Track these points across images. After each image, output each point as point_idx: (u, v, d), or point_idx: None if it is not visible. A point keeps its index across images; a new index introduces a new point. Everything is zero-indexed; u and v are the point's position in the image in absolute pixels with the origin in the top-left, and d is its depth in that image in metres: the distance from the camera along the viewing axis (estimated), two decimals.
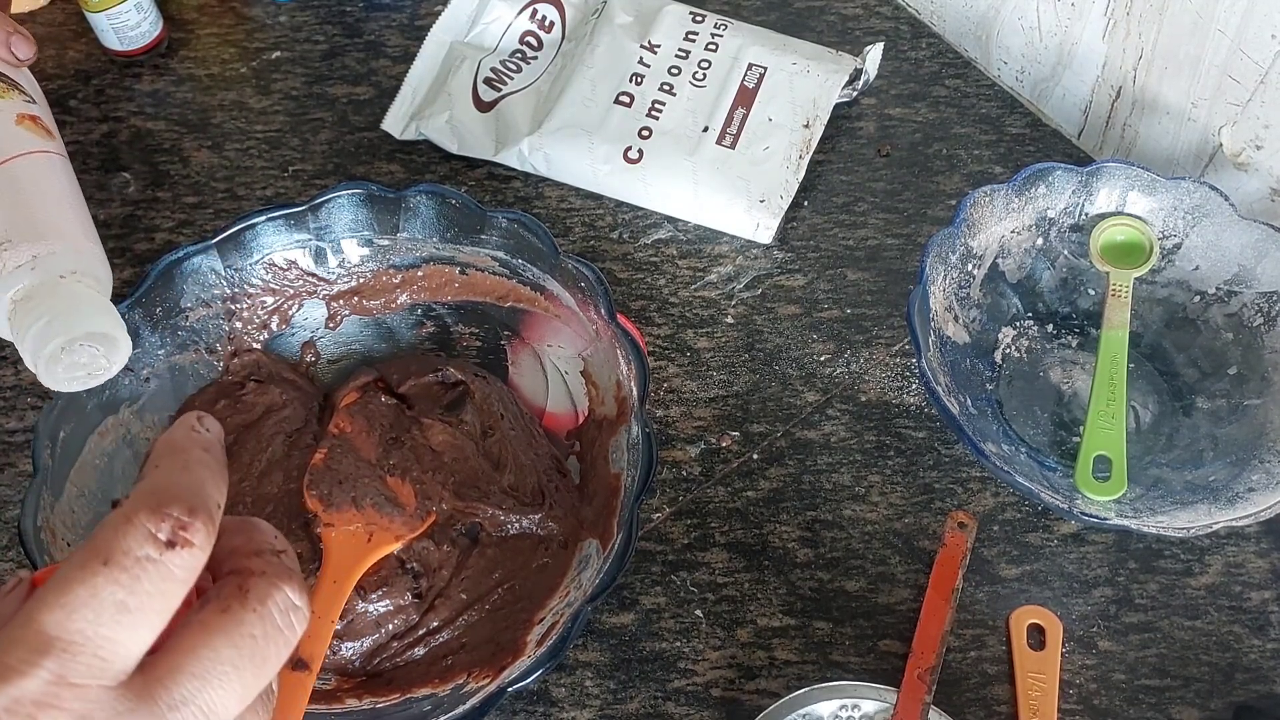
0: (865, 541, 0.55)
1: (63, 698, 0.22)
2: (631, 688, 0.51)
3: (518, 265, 0.55)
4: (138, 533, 0.23)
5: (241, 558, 0.26)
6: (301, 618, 0.26)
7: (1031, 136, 0.69)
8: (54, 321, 0.43)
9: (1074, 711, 0.50)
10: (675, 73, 0.68)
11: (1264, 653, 0.52)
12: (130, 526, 0.23)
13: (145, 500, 0.24)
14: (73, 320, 0.43)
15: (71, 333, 0.43)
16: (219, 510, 0.25)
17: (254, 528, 0.27)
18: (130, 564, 0.23)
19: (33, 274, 0.44)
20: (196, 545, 0.24)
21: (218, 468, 0.26)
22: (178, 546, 0.24)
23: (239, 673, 0.24)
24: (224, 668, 0.24)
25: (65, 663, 0.22)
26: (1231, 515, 0.48)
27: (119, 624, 0.23)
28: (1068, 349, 0.60)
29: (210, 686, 0.24)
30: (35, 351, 0.43)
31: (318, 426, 0.54)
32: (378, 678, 0.49)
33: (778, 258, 0.65)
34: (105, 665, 0.23)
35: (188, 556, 0.24)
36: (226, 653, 0.24)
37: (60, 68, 0.72)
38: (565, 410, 0.56)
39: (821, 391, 0.59)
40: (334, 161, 0.69)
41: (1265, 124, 0.59)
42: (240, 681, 0.25)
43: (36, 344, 0.42)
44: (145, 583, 0.23)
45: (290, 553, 0.27)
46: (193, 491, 0.25)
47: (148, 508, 0.24)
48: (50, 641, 0.22)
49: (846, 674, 0.51)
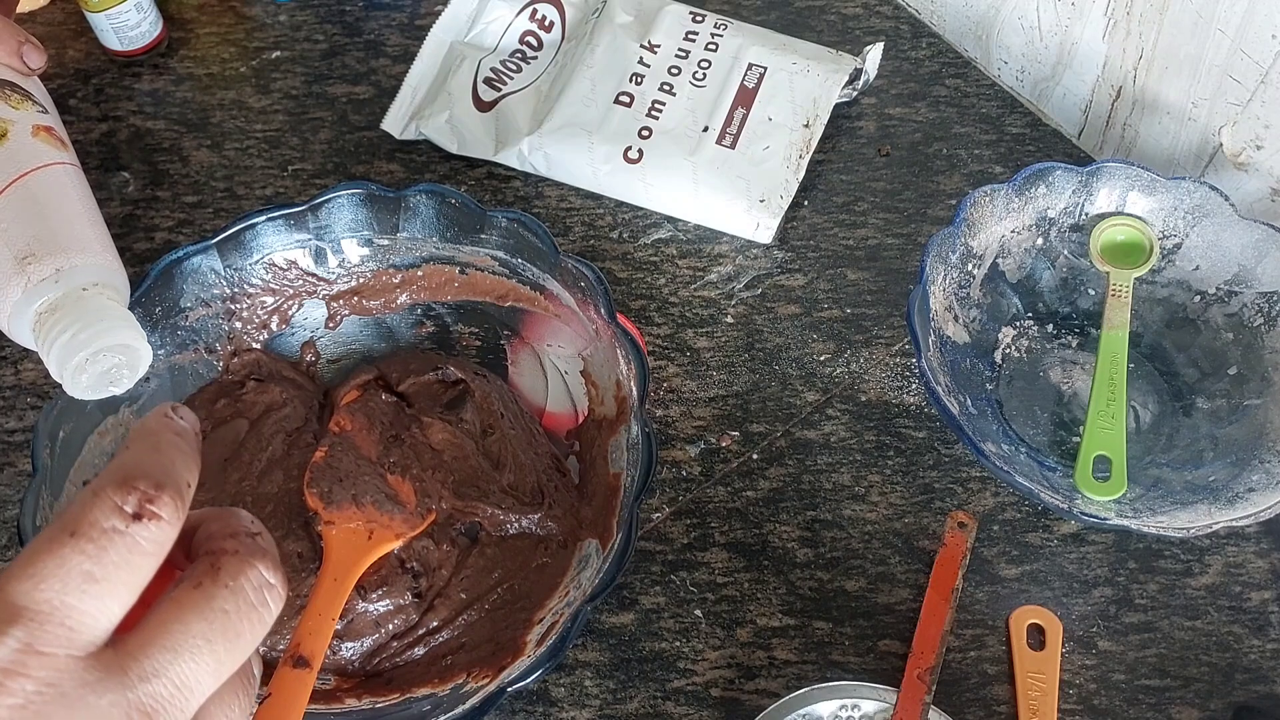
0: (865, 541, 0.55)
1: (30, 666, 0.22)
2: (631, 687, 0.51)
3: (517, 265, 0.55)
4: (104, 505, 0.24)
5: (217, 540, 0.26)
6: (276, 595, 0.26)
7: (1032, 136, 0.69)
8: (79, 334, 0.44)
9: (1074, 711, 0.50)
10: (675, 72, 0.68)
11: (1264, 653, 0.52)
12: (98, 499, 0.24)
13: (114, 476, 0.24)
14: (97, 332, 0.44)
15: (96, 344, 0.44)
16: (189, 490, 0.26)
17: (231, 514, 0.28)
18: (97, 535, 0.23)
19: (57, 286, 0.46)
20: (164, 518, 0.24)
21: (189, 450, 0.27)
22: (144, 519, 0.24)
23: (211, 646, 0.25)
24: (196, 641, 0.24)
25: (33, 631, 0.23)
26: (1231, 515, 0.48)
27: (86, 594, 0.23)
28: (1068, 349, 0.60)
29: (182, 659, 0.24)
30: (61, 362, 0.44)
31: (318, 425, 0.54)
32: (377, 678, 0.49)
33: (778, 257, 0.65)
34: (73, 635, 0.23)
35: (155, 529, 0.24)
36: (198, 626, 0.25)
37: (60, 67, 0.72)
38: (565, 410, 0.56)
39: (821, 391, 0.59)
40: (334, 161, 0.69)
41: (1265, 124, 0.59)
42: (213, 655, 0.25)
43: (63, 355, 0.44)
44: (112, 553, 0.23)
45: (266, 535, 0.28)
46: (162, 469, 0.25)
47: (115, 482, 0.24)
48: (18, 611, 0.23)
49: (846, 674, 0.51)
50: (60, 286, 0.46)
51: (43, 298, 0.45)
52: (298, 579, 0.49)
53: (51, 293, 0.46)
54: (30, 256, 0.46)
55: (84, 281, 0.46)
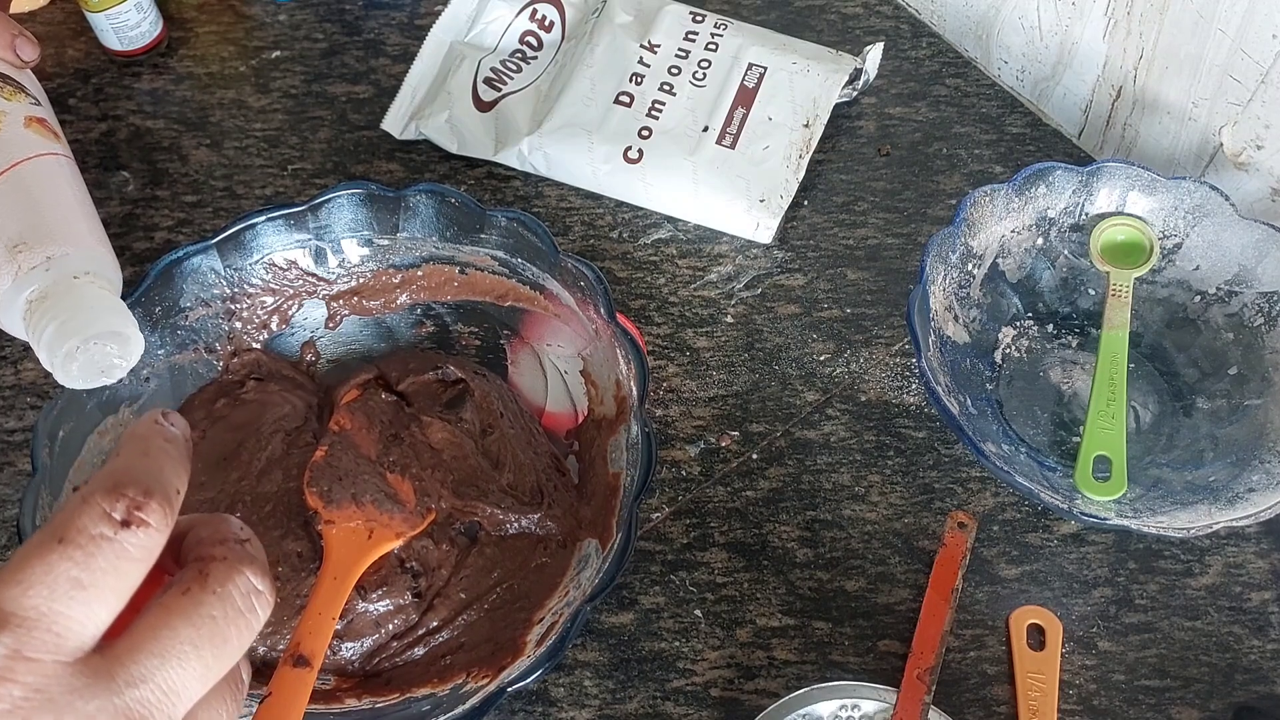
0: (865, 541, 0.55)
1: (17, 671, 0.22)
2: (630, 688, 0.51)
3: (517, 264, 0.55)
4: (93, 512, 0.24)
5: (206, 546, 0.27)
6: (264, 602, 0.26)
7: (1032, 136, 0.69)
8: (69, 321, 0.44)
9: (1074, 712, 0.50)
10: (675, 72, 0.68)
11: (1264, 653, 0.52)
12: (86, 506, 0.24)
13: (103, 482, 0.24)
14: (87, 319, 0.44)
15: (86, 332, 0.44)
16: (178, 496, 0.26)
17: (221, 520, 0.28)
18: (85, 541, 0.23)
19: (47, 275, 0.46)
20: (152, 525, 0.24)
21: (179, 457, 0.27)
22: (133, 526, 0.24)
23: (198, 652, 0.25)
24: (183, 647, 0.24)
25: (20, 637, 0.23)
26: (1231, 515, 0.48)
27: (74, 600, 0.23)
28: (1068, 349, 0.60)
29: (169, 665, 0.24)
30: (51, 350, 0.44)
31: (317, 425, 0.54)
32: (377, 678, 0.49)
33: (778, 257, 0.65)
34: (61, 641, 0.23)
35: (143, 536, 0.24)
36: (186, 632, 0.25)
37: (60, 67, 0.72)
38: (564, 410, 0.56)
39: (821, 391, 0.59)
40: (333, 160, 0.69)
41: (1266, 124, 0.59)
42: (200, 661, 0.25)
43: (53, 343, 0.44)
44: (100, 560, 0.23)
45: (255, 542, 0.28)
46: (151, 475, 0.25)
47: (104, 489, 0.24)
48: (6, 617, 0.23)
49: (846, 674, 0.51)
50: (51, 275, 0.46)
51: (33, 286, 0.45)
52: (298, 578, 0.49)
53: (42, 281, 0.45)
54: (21, 245, 0.46)
55: (75, 270, 0.46)
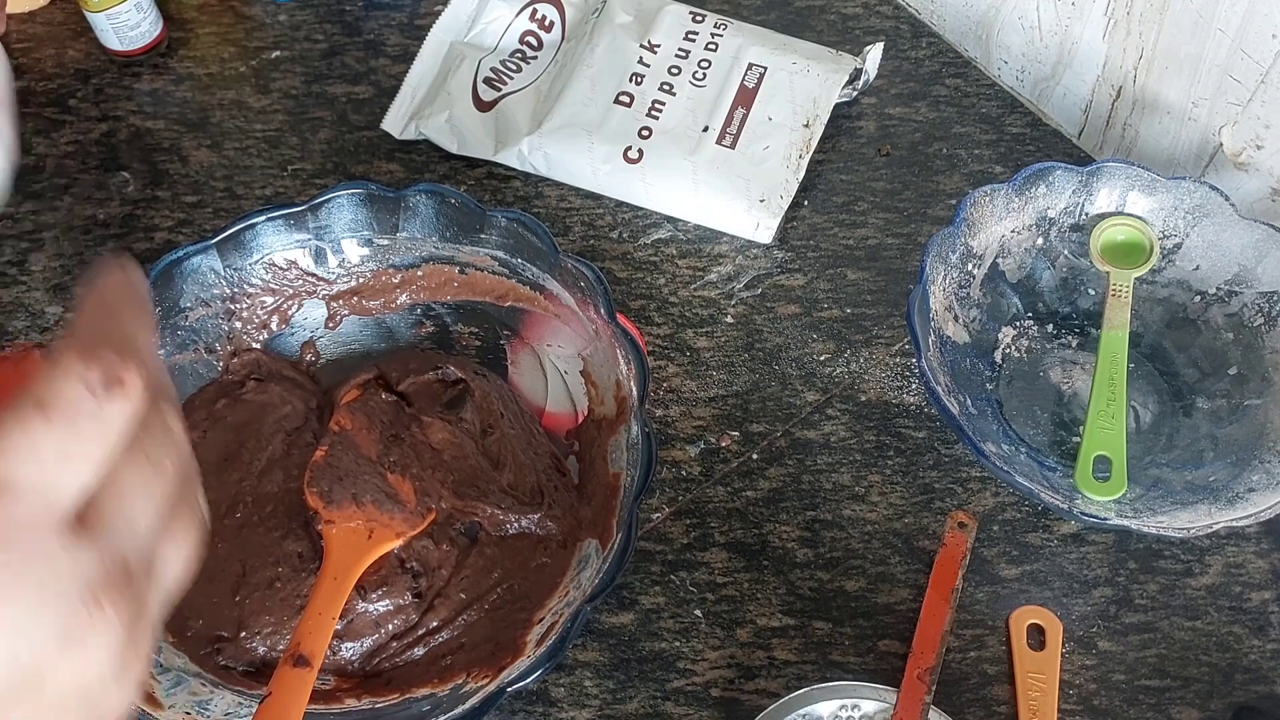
0: (865, 541, 0.55)
1: (9, 536, 0.23)
2: (631, 688, 0.51)
3: (517, 265, 0.55)
4: (71, 378, 0.24)
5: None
6: (118, 385, 0.26)
7: (1032, 136, 0.69)
8: None
9: (1074, 711, 0.50)
10: (675, 72, 0.68)
11: (1264, 653, 0.51)
12: (65, 373, 0.24)
13: (75, 345, 0.25)
14: None
15: None
16: (150, 354, 0.26)
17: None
18: (66, 408, 0.24)
19: None
20: (130, 387, 0.25)
21: (144, 310, 0.27)
22: (112, 391, 0.24)
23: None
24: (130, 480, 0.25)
25: (6, 506, 0.23)
26: (1231, 515, 0.48)
27: (61, 468, 0.24)
28: (1068, 349, 0.60)
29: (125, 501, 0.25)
30: None
31: (317, 425, 0.54)
32: (377, 678, 0.49)
33: (778, 257, 0.65)
34: (50, 503, 0.23)
35: (122, 401, 0.24)
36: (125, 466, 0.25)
37: (60, 67, 0.72)
38: (565, 410, 0.56)
39: (821, 391, 0.59)
40: (333, 161, 0.69)
41: (1266, 124, 0.59)
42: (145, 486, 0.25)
43: None
44: (83, 426, 0.24)
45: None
46: (122, 335, 0.25)
47: (78, 353, 0.24)
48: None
49: (846, 674, 0.51)
50: None
51: None
52: (298, 578, 0.49)
53: None
54: None
55: None
